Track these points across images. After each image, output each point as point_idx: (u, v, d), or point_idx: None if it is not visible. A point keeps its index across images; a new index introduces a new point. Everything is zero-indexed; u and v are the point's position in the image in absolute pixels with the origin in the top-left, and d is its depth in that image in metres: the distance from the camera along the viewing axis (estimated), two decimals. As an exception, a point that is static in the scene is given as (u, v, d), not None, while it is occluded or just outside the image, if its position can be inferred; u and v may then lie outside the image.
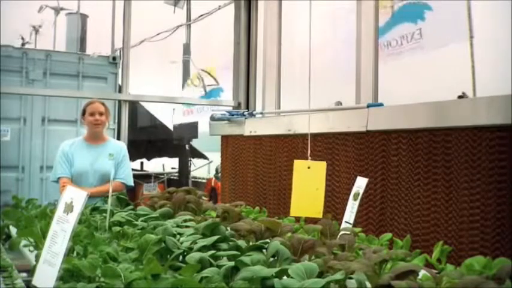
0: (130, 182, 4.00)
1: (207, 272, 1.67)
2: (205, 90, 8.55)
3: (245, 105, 5.60)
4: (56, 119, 7.64)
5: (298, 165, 2.67)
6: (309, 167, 2.65)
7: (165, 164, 10.98)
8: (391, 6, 3.58)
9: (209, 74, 8.20)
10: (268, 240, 2.10)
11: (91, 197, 1.69)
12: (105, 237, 2.24)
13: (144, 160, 11.24)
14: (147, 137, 10.43)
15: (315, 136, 3.60)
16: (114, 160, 3.92)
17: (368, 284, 1.55)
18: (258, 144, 4.38)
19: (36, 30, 10.83)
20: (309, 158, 2.74)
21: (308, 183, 2.61)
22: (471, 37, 3.08)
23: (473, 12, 3.18)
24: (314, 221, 2.61)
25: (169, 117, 9.88)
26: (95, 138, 3.96)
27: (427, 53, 3.51)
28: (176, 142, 9.87)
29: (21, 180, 7.43)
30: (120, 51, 7.20)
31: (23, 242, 2.40)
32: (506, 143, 2.38)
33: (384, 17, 3.61)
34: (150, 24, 9.45)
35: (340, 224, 2.56)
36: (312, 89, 3.05)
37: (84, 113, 3.95)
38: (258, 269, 1.61)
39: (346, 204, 2.62)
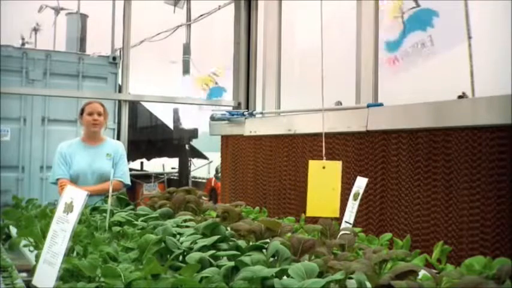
0: (127, 180, 3.99)
1: (207, 272, 1.67)
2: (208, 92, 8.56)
3: (245, 105, 5.61)
4: (56, 119, 7.63)
5: (313, 165, 2.67)
6: (324, 167, 2.64)
7: (165, 164, 10.98)
8: (400, 16, 3.57)
9: (217, 75, 8.18)
10: (268, 240, 2.10)
11: (90, 196, 1.69)
12: (105, 237, 2.24)
13: (144, 160, 11.24)
14: (147, 137, 10.43)
15: (314, 136, 3.60)
16: (112, 160, 3.92)
17: (368, 284, 1.55)
18: (258, 144, 4.38)
19: (36, 30, 10.82)
20: (324, 158, 2.74)
21: (324, 183, 2.61)
22: (469, 37, 3.08)
23: (472, 12, 3.18)
24: (314, 221, 2.61)
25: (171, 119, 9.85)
26: (92, 138, 3.95)
27: (428, 55, 3.51)
28: (176, 142, 9.87)
29: (21, 180, 7.43)
30: (120, 51, 7.20)
31: (23, 242, 2.39)
32: (506, 143, 2.38)
33: (396, 29, 3.60)
34: (150, 24, 9.44)
35: (340, 224, 2.56)
36: (312, 89, 3.06)
37: (82, 112, 3.95)
38: (258, 269, 1.61)
39: (346, 204, 2.62)
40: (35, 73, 7.54)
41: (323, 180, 2.62)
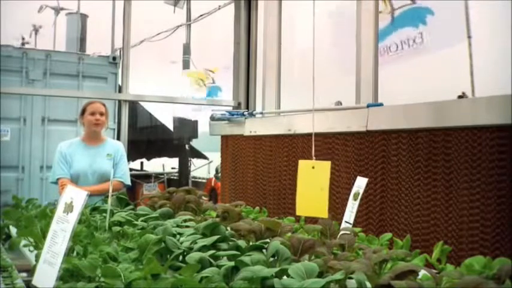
0: (128, 181, 3.98)
1: (207, 272, 1.67)
2: (207, 91, 8.58)
3: (245, 105, 5.60)
4: (56, 119, 7.63)
5: (303, 165, 2.67)
6: (313, 167, 2.64)
7: (165, 164, 10.98)
8: (389, 12, 3.58)
9: (212, 72, 8.19)
10: (268, 240, 2.10)
11: (90, 196, 1.69)
12: (105, 237, 2.24)
13: (144, 160, 11.24)
14: (147, 137, 10.43)
15: (314, 136, 3.59)
16: (112, 160, 3.91)
17: (368, 284, 1.55)
18: (258, 144, 4.38)
19: (36, 30, 10.82)
20: (314, 158, 2.74)
21: (312, 183, 2.61)
22: (469, 37, 3.09)
23: (472, 11, 3.18)
24: (314, 221, 2.61)
25: (171, 113, 9.86)
26: (93, 138, 3.94)
27: (428, 54, 3.52)
28: (176, 142, 9.87)
29: (21, 180, 7.43)
30: (120, 51, 7.21)
31: (23, 242, 2.40)
32: (506, 143, 2.38)
33: (384, 22, 3.61)
34: (150, 24, 9.44)
35: (340, 224, 2.56)
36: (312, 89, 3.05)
37: (83, 112, 3.93)
38: (258, 269, 1.61)
39: (346, 204, 2.62)
40: (35, 73, 7.53)
41: (312, 180, 2.61)
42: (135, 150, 8.83)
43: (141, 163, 11.30)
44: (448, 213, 2.64)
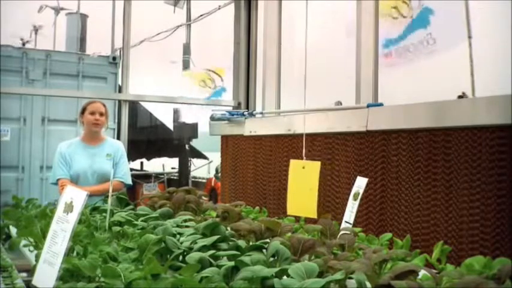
0: (129, 180, 3.98)
1: (207, 272, 1.67)
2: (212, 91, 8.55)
3: (245, 105, 5.61)
4: (56, 119, 7.63)
5: (294, 164, 2.67)
6: (303, 167, 2.64)
7: (165, 164, 10.99)
8: (407, 15, 3.57)
9: (219, 75, 8.18)
10: (268, 240, 2.10)
11: (90, 196, 1.69)
12: (105, 237, 2.24)
13: (144, 160, 11.24)
14: (147, 137, 10.43)
15: (314, 136, 3.60)
16: (112, 160, 3.90)
17: (368, 284, 1.55)
18: (258, 144, 4.38)
19: (36, 30, 10.83)
20: (304, 157, 2.74)
21: (302, 183, 2.61)
22: (469, 37, 3.08)
23: (473, 11, 3.18)
24: (314, 221, 2.61)
25: (171, 116, 9.86)
26: (92, 138, 3.94)
27: (430, 55, 3.51)
28: (176, 142, 9.87)
29: (21, 180, 7.43)
30: (120, 51, 7.21)
31: (23, 242, 2.40)
32: (506, 143, 2.38)
33: (404, 24, 3.60)
34: (150, 24, 9.44)
35: (340, 224, 2.56)
36: (312, 89, 3.05)
37: (83, 111, 3.93)
38: (258, 269, 1.61)
39: (346, 204, 2.62)
40: (35, 73, 7.54)
41: (302, 180, 2.61)
42: (135, 150, 8.84)
43: (141, 163, 11.31)
44: (448, 213, 2.64)
